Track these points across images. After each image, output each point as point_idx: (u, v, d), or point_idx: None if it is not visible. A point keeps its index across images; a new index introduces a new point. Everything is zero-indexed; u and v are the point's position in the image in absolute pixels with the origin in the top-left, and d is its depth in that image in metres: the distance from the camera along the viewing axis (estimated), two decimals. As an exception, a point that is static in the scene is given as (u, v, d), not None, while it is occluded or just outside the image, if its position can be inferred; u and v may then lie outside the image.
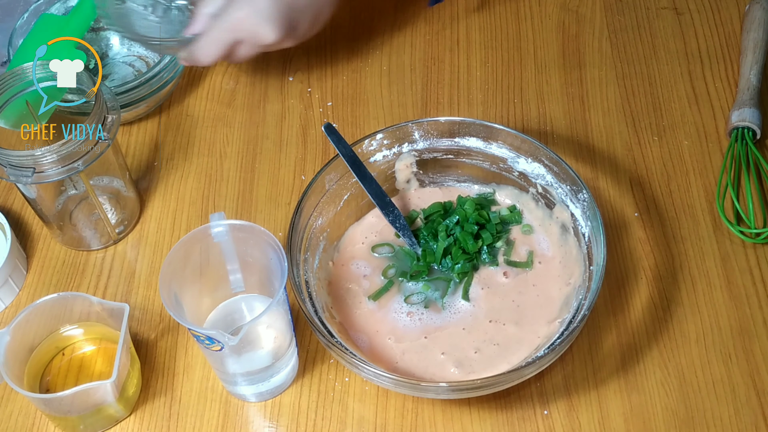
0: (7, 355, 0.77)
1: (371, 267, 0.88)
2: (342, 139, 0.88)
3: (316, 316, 0.79)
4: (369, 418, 0.82)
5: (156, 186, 0.99)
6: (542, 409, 0.81)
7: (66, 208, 0.95)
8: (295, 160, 1.00)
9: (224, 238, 0.79)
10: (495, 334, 0.83)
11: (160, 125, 1.04)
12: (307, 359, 0.85)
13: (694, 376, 0.83)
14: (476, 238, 0.88)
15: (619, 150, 0.98)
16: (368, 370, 0.76)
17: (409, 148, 0.91)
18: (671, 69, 1.05)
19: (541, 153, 0.87)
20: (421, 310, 0.85)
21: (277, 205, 0.96)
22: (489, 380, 0.75)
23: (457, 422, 0.81)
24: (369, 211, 0.92)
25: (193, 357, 0.86)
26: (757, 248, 0.90)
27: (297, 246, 0.83)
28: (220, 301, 0.85)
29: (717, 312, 0.86)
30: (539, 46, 1.09)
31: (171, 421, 0.83)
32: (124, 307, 0.79)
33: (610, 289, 0.88)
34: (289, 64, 1.09)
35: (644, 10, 1.11)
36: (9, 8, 1.14)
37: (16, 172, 0.82)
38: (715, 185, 0.94)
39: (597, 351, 0.84)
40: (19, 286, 0.92)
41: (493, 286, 0.86)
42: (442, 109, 1.04)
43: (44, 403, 0.79)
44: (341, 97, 1.05)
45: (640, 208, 0.94)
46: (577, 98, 1.03)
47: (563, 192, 0.86)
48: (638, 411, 0.81)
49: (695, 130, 1.00)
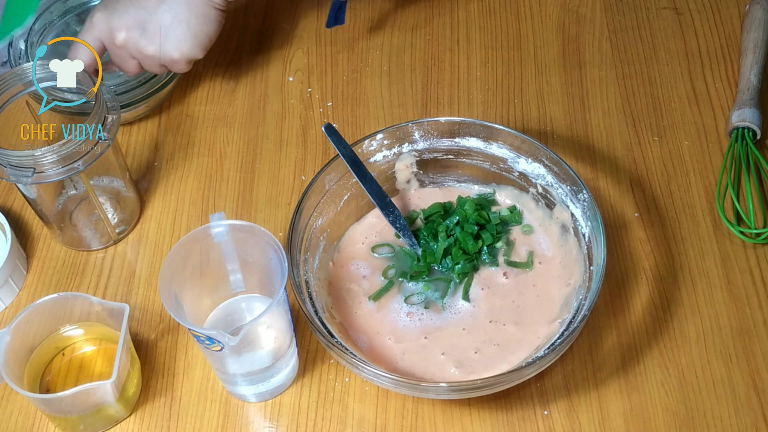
0: (7, 355, 0.77)
1: (371, 267, 0.88)
2: (342, 139, 0.88)
3: (316, 316, 0.79)
4: (369, 419, 0.82)
5: (156, 186, 0.99)
6: (542, 409, 0.81)
7: (66, 208, 0.95)
8: (295, 160, 1.00)
9: (224, 238, 0.79)
10: (495, 334, 0.83)
11: (160, 125, 1.04)
12: (307, 359, 0.85)
13: (694, 376, 0.83)
14: (476, 239, 0.88)
15: (619, 150, 0.98)
16: (368, 370, 0.76)
17: (409, 148, 0.91)
18: (671, 69, 1.05)
19: (541, 153, 0.87)
20: (421, 310, 0.85)
21: (277, 205, 0.96)
22: (489, 380, 0.75)
23: (457, 422, 0.81)
24: (369, 211, 0.92)
25: (193, 357, 0.86)
26: (757, 248, 0.90)
27: (297, 246, 0.83)
28: (220, 301, 0.85)
29: (717, 312, 0.86)
30: (539, 46, 1.09)
31: (171, 421, 0.83)
32: (124, 307, 0.79)
33: (610, 289, 0.88)
34: (289, 64, 1.09)
35: (644, 10, 1.11)
36: (9, 8, 1.13)
37: (16, 172, 0.82)
38: (715, 185, 0.94)
39: (597, 351, 0.84)
40: (19, 286, 0.92)
41: (493, 286, 0.86)
42: (442, 109, 1.04)
43: (44, 403, 0.79)
44: (341, 97, 1.05)
45: (640, 208, 0.94)
46: (577, 98, 1.03)
47: (563, 192, 0.86)
48: (638, 411, 0.81)
49: (695, 130, 1.00)
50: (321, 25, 1.12)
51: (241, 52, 1.10)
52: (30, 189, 0.89)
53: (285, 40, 1.11)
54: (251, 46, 1.11)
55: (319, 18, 1.13)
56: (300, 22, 1.13)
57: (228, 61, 1.10)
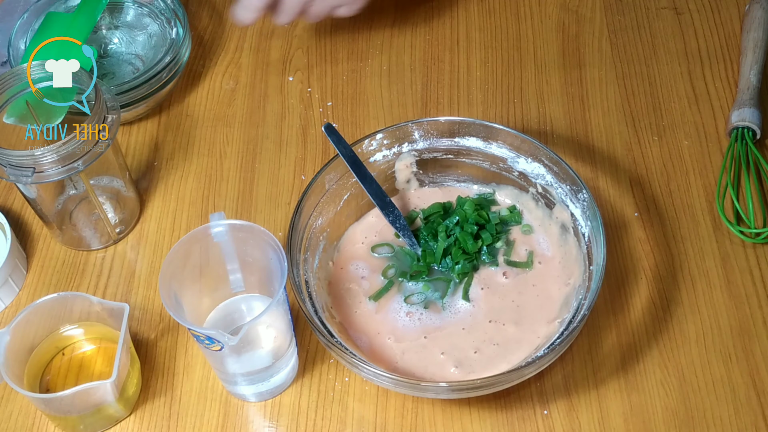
0: (7, 355, 0.77)
1: (371, 267, 0.88)
2: (342, 139, 0.88)
3: (316, 316, 0.79)
4: (369, 418, 0.82)
5: (156, 186, 0.99)
6: (542, 409, 0.81)
7: (66, 208, 0.95)
8: (295, 160, 1.00)
9: (224, 238, 0.79)
10: (495, 334, 0.83)
11: (160, 125, 1.04)
12: (307, 359, 0.85)
13: (694, 376, 0.83)
14: (476, 239, 0.88)
15: (619, 150, 0.98)
16: (368, 370, 0.76)
17: (409, 148, 0.91)
18: (671, 69, 1.05)
19: (541, 153, 0.87)
20: (421, 310, 0.85)
21: (277, 205, 0.96)
22: (489, 380, 0.75)
23: (457, 422, 0.81)
24: (369, 211, 0.92)
25: (193, 357, 0.86)
26: (757, 248, 0.90)
27: (297, 246, 0.83)
28: (220, 301, 0.85)
29: (717, 312, 0.86)
30: (539, 46, 1.09)
31: (171, 421, 0.83)
32: (124, 307, 0.79)
33: (610, 289, 0.88)
34: (289, 64, 1.09)
35: (644, 10, 1.11)
36: (9, 8, 1.13)
37: (16, 172, 0.82)
38: (715, 185, 0.94)
39: (597, 351, 0.84)
40: (19, 286, 0.92)
41: (492, 286, 0.86)
42: (442, 109, 1.04)
43: (44, 403, 0.79)
44: (341, 97, 1.05)
45: (640, 208, 0.94)
46: (577, 98, 1.03)
47: (563, 192, 0.86)
48: (638, 411, 0.81)
49: (695, 130, 1.00)
50: (321, 25, 1.12)
51: (241, 52, 1.10)
52: (30, 189, 0.89)
53: (285, 40, 1.11)
54: (251, 46, 1.11)
55: (319, 18, 1.13)
56: (300, 22, 1.13)
57: (228, 61, 1.10)
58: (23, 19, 1.03)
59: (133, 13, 1.08)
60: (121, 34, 1.08)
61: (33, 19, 1.04)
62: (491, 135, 0.89)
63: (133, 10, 1.08)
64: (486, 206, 0.91)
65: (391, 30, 1.11)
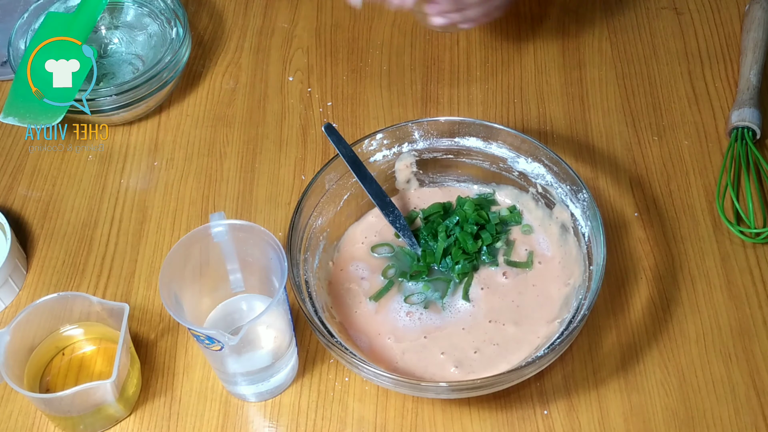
0: (7, 355, 0.77)
1: (371, 267, 0.88)
2: (342, 139, 0.88)
3: (316, 316, 0.79)
4: (369, 418, 0.82)
5: (156, 186, 0.99)
6: (542, 409, 0.81)
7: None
8: (295, 160, 1.00)
9: (224, 238, 0.79)
10: (495, 334, 0.83)
11: (160, 125, 1.04)
12: (307, 359, 0.85)
13: (694, 376, 0.83)
14: (476, 239, 0.88)
15: (619, 150, 0.98)
16: (368, 369, 0.76)
17: (409, 148, 0.91)
18: (671, 69, 1.05)
19: (541, 153, 0.87)
20: (421, 310, 0.85)
21: (277, 205, 0.96)
22: (489, 380, 0.75)
23: (457, 422, 0.81)
24: (369, 211, 0.92)
25: (193, 357, 0.86)
26: (757, 248, 0.90)
27: (297, 246, 0.83)
28: (220, 300, 0.85)
29: (717, 312, 0.86)
30: (539, 46, 1.09)
31: (171, 421, 0.83)
32: (124, 307, 0.79)
33: (610, 289, 0.88)
34: (289, 64, 1.09)
35: (644, 10, 1.11)
36: (9, 8, 1.14)
37: None
38: (715, 185, 0.94)
39: (597, 351, 0.84)
40: (19, 286, 0.92)
41: (492, 286, 0.86)
42: (442, 109, 1.04)
43: (44, 403, 0.79)
44: (341, 97, 1.05)
45: (640, 208, 0.94)
46: (577, 98, 1.03)
47: (563, 192, 0.86)
48: (638, 411, 0.81)
49: (695, 130, 1.00)
50: (321, 25, 1.12)
51: (241, 52, 1.10)
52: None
53: (285, 40, 1.11)
54: (251, 46, 1.11)
55: (319, 18, 1.13)
56: (300, 22, 1.13)
57: (228, 61, 1.10)
58: (23, 19, 1.03)
59: (133, 13, 1.08)
60: (121, 34, 1.08)
61: (33, 19, 1.04)
62: (491, 135, 0.89)
63: (133, 10, 1.08)
64: (486, 206, 0.91)
65: (391, 30, 1.11)
